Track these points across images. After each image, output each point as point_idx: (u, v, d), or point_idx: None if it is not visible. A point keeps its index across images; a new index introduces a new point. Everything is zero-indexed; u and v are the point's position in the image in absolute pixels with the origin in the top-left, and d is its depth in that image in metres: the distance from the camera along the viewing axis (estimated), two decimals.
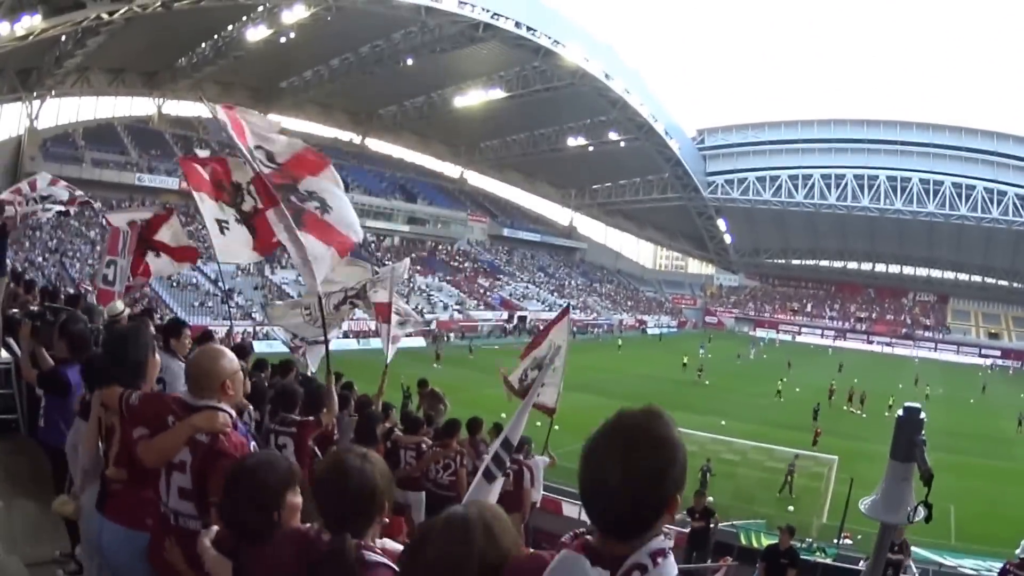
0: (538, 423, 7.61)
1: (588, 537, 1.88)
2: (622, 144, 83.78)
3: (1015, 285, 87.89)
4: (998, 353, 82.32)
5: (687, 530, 13.74)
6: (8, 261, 8.73)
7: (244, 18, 55.79)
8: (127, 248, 10.67)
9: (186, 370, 3.80)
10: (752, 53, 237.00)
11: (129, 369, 4.04)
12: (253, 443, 4.97)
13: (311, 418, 6.91)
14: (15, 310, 9.26)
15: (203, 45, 61.02)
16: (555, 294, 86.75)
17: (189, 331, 7.25)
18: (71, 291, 16.12)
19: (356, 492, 2.45)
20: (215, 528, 3.01)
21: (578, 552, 1.84)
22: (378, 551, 2.46)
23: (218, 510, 2.88)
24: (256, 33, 56.42)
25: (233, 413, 3.66)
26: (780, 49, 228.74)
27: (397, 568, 2.30)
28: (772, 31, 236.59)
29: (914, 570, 13.63)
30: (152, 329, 7.39)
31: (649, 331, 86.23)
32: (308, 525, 2.73)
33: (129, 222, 10.84)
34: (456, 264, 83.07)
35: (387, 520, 2.64)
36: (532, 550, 2.13)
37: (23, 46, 39.72)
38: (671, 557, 1.78)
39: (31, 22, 36.86)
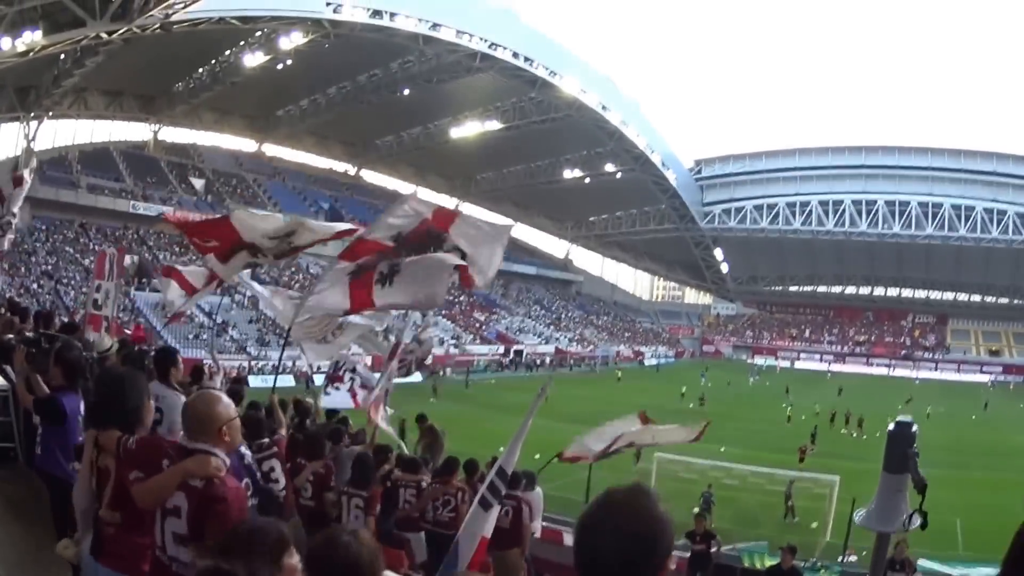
0: (536, 456, 7.60)
1: None
2: (619, 175, 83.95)
3: (1016, 302, 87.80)
4: (999, 369, 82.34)
5: (687, 555, 13.70)
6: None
7: (242, 43, 56.17)
8: (114, 272, 10.86)
9: (183, 413, 3.84)
10: (749, 83, 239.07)
11: (128, 414, 4.10)
12: (248, 481, 5.04)
13: (278, 437, 7.14)
14: (10, 336, 9.27)
15: (200, 71, 61.36)
16: (552, 327, 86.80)
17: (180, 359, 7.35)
18: (66, 320, 16.09)
19: (343, 565, 2.54)
20: None
21: None
22: None
23: None
24: (253, 59, 56.98)
25: (226, 459, 3.66)
26: (777, 79, 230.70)
27: None
28: (769, 61, 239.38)
29: None
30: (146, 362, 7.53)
31: (647, 362, 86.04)
32: None
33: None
34: (452, 298, 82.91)
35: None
36: None
37: (22, 63, 40.00)
38: None
39: (32, 38, 37.19)
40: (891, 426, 2.48)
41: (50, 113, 55.82)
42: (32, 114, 53.92)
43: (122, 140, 67.05)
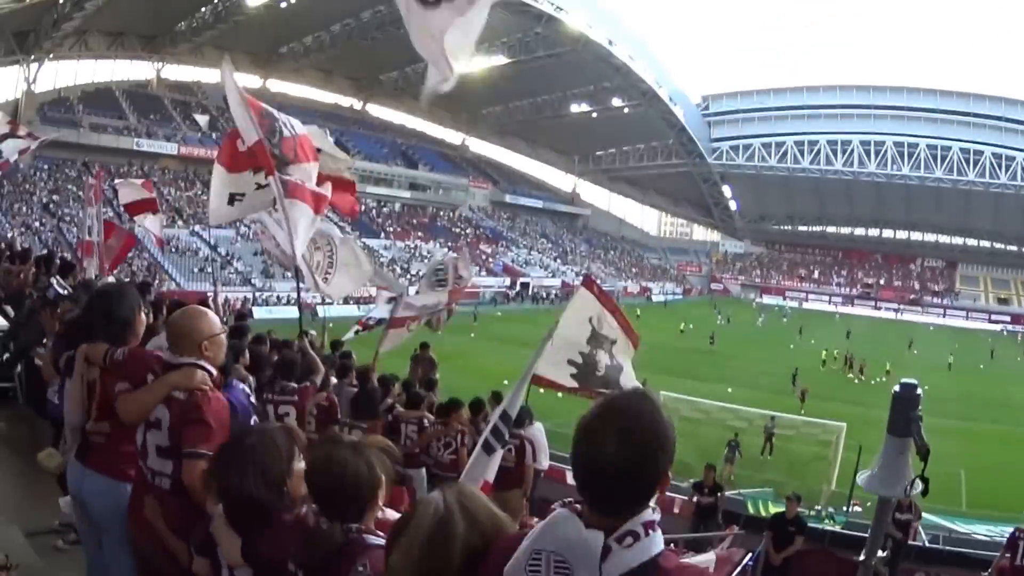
0: (541, 390, 7.55)
1: (578, 507, 1.88)
2: (626, 110, 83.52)
3: None
4: (1008, 319, 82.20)
5: (695, 500, 13.73)
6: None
7: None
8: (93, 199, 10.98)
9: (167, 329, 3.81)
10: (757, 18, 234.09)
11: (116, 326, 4.01)
12: (253, 413, 5.00)
13: (307, 384, 7.07)
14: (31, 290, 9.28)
15: (203, 9, 60.47)
16: (558, 260, 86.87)
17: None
18: (67, 256, 16.07)
19: (348, 484, 2.52)
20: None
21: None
22: (379, 534, 2.48)
23: (220, 491, 2.82)
24: None
25: (214, 371, 3.64)
26: (785, 14, 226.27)
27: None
28: None
29: (922, 534, 13.66)
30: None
31: (654, 298, 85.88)
32: (308, 512, 2.72)
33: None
34: (458, 230, 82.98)
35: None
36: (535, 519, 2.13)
37: (21, 8, 39.36)
38: (659, 531, 1.81)
39: None
40: (896, 388, 2.41)
41: (50, 55, 55.21)
42: (32, 57, 53.33)
43: (125, 80, 66.25)
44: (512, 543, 1.94)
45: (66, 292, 7.87)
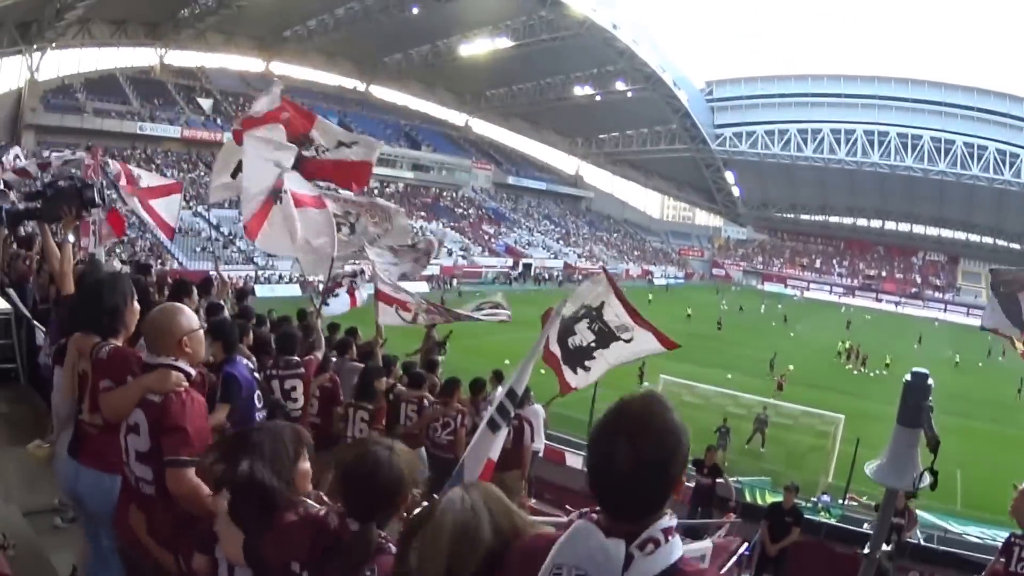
0: (542, 371, 7.52)
1: (595, 515, 1.89)
2: (629, 94, 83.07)
3: None
4: None
5: (692, 484, 13.75)
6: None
7: None
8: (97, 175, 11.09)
9: (144, 328, 3.72)
10: (762, 5, 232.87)
11: (106, 315, 3.97)
12: (256, 388, 4.98)
13: (310, 357, 7.10)
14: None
15: None
16: (560, 242, 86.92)
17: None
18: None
19: (384, 486, 2.46)
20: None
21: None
22: (392, 541, 2.44)
23: (228, 477, 2.77)
24: None
25: (192, 372, 3.56)
26: (791, 1, 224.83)
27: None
28: None
29: (918, 534, 13.64)
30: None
31: (656, 282, 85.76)
32: (319, 509, 2.69)
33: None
34: (461, 211, 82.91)
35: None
36: (534, 499, 2.10)
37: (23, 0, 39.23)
38: (678, 536, 1.83)
39: None
40: (907, 376, 2.37)
41: (53, 44, 54.89)
42: (35, 47, 53.13)
43: (128, 66, 65.84)
44: (530, 546, 1.96)
45: None
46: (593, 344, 7.67)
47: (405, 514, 2.57)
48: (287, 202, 7.74)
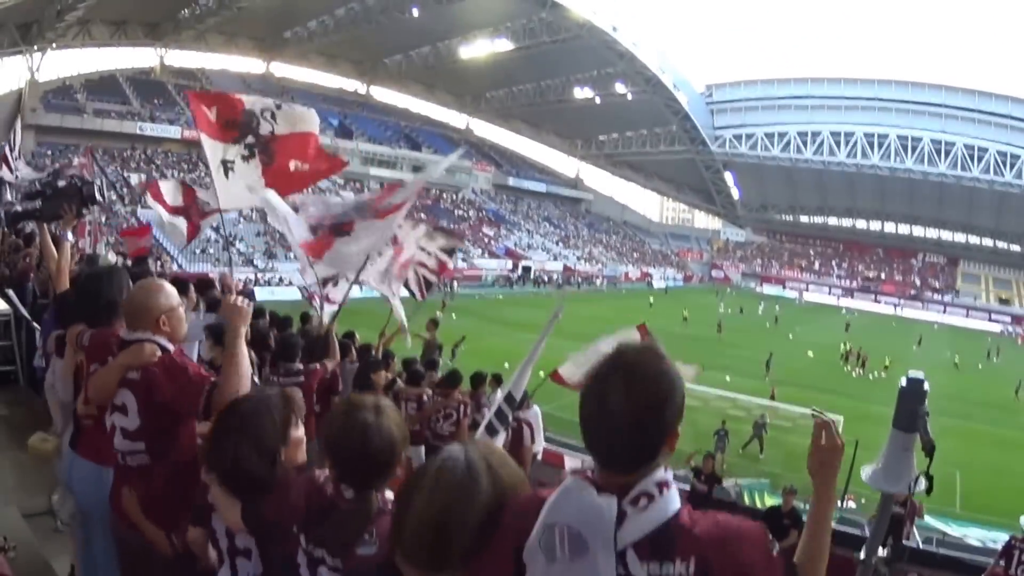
0: (541, 372, 7.50)
1: (589, 473, 1.89)
2: (629, 96, 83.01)
3: None
4: (1008, 319, 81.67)
5: (687, 487, 13.77)
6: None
7: None
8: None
9: (124, 305, 3.73)
10: (762, 8, 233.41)
11: (102, 308, 3.99)
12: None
13: (316, 366, 7.00)
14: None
15: None
16: (560, 244, 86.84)
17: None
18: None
19: (376, 451, 2.39)
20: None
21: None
22: (390, 503, 2.41)
23: (212, 461, 2.72)
24: None
25: (170, 346, 3.53)
26: (791, 4, 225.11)
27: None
28: None
29: (916, 535, 13.62)
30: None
31: (655, 284, 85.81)
32: (316, 471, 2.64)
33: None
34: (461, 213, 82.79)
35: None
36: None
37: (24, 0, 39.20)
38: (675, 488, 1.81)
39: None
40: (903, 381, 2.37)
41: (53, 45, 54.82)
42: (35, 47, 53.11)
43: (128, 67, 65.97)
44: (525, 505, 1.93)
45: None
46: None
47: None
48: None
